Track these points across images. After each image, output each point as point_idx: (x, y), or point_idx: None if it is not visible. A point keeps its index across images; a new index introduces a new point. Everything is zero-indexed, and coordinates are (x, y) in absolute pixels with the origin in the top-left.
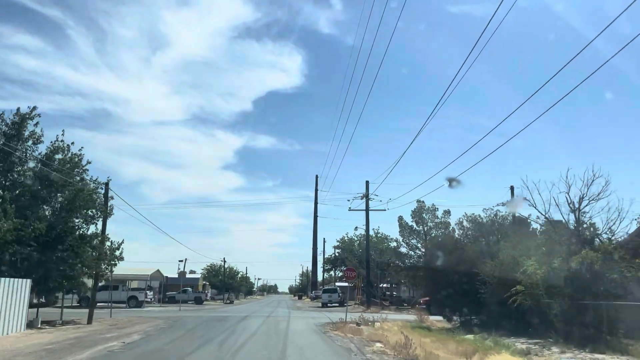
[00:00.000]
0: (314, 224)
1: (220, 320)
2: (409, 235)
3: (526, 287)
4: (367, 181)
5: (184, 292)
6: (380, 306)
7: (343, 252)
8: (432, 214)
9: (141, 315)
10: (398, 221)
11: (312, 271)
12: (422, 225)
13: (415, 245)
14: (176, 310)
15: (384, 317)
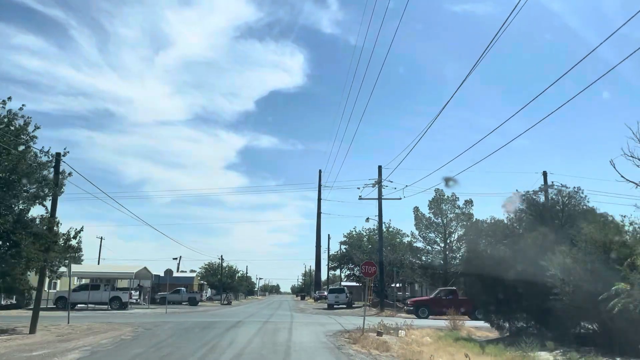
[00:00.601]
0: (317, 220)
1: (205, 328)
2: (425, 228)
3: (633, 285)
4: (380, 166)
5: (176, 292)
6: (395, 308)
7: (350, 249)
8: (452, 204)
9: (113, 320)
10: (414, 212)
11: (316, 270)
12: (441, 217)
13: (433, 240)
14: (162, 313)
15: (408, 323)
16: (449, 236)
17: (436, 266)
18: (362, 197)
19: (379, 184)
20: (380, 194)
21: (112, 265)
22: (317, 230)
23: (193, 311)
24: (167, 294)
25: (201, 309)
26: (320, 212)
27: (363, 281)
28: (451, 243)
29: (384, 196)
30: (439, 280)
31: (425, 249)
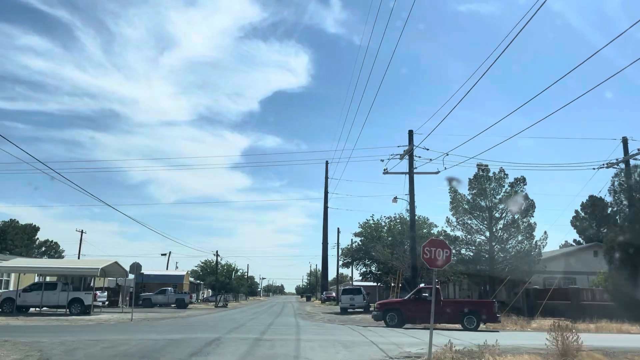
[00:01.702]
0: (323, 215)
1: (158, 352)
2: (465, 213)
3: None
4: (411, 131)
5: (161, 293)
6: None
7: (366, 241)
8: (498, 183)
9: (24, 335)
10: (450, 193)
11: (323, 269)
12: (485, 200)
13: (475, 228)
14: (127, 321)
15: (489, 342)
16: (495, 223)
17: (479, 261)
18: (387, 172)
19: (410, 153)
20: (412, 166)
21: (71, 261)
22: (324, 224)
23: (174, 316)
24: (152, 295)
25: (186, 314)
26: (326, 206)
27: (384, 279)
28: (497, 232)
29: (417, 169)
30: (482, 278)
31: (465, 239)
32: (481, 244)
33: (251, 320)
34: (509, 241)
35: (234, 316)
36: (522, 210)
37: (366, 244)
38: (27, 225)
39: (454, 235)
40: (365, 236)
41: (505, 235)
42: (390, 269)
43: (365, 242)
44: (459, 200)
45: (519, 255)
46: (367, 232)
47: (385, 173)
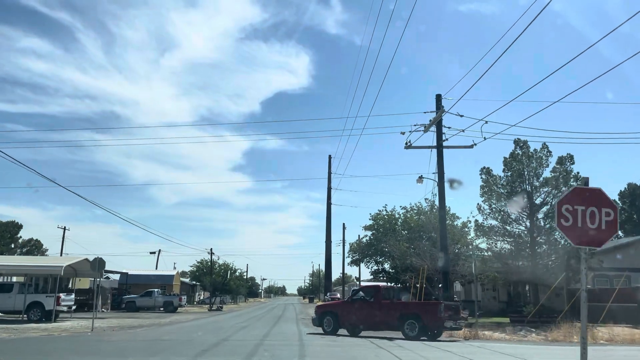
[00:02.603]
0: (327, 211)
1: None
2: (499, 198)
3: None
4: (439, 95)
5: (147, 295)
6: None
7: (379, 234)
8: (539, 162)
9: None
10: (482, 175)
11: (326, 268)
12: (524, 183)
13: (517, 216)
14: (86, 328)
15: None
16: (536, 210)
17: (518, 255)
18: (410, 145)
19: (438, 122)
20: (441, 138)
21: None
22: (327, 220)
23: (153, 324)
24: (137, 298)
25: (170, 319)
26: (330, 203)
27: (402, 279)
28: (539, 221)
29: (446, 143)
30: (520, 276)
31: (500, 230)
32: (520, 236)
33: (242, 329)
34: (554, 232)
35: (224, 323)
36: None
37: (379, 238)
38: (8, 222)
39: (488, 224)
40: (376, 229)
41: (550, 224)
42: (408, 267)
43: (377, 236)
44: (493, 183)
45: (568, 249)
46: (379, 225)
47: (408, 147)
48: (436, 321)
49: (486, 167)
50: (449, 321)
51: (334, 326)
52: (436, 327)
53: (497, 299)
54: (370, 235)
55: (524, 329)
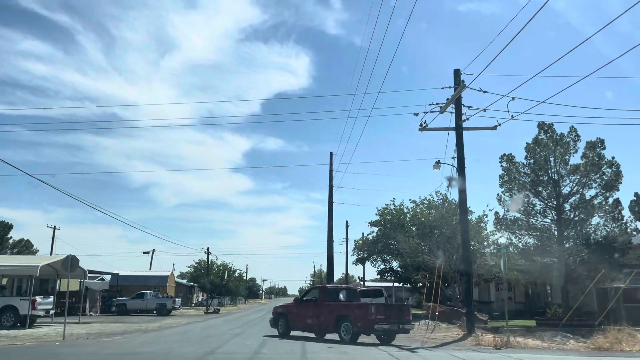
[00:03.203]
0: (328, 209)
1: None
2: (520, 189)
3: None
4: (457, 70)
5: (139, 297)
6: (482, 323)
7: (386, 231)
8: (566, 147)
9: None
10: (501, 162)
11: (328, 270)
12: (549, 171)
13: (538, 208)
14: (57, 335)
15: None
16: (563, 201)
17: (544, 251)
18: (425, 127)
19: (457, 100)
20: (460, 117)
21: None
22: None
23: (138, 329)
24: (126, 300)
25: (159, 324)
26: (331, 201)
27: (414, 278)
28: (565, 213)
29: (465, 124)
30: (547, 274)
31: (524, 224)
32: (546, 229)
33: (235, 337)
34: (584, 225)
35: (217, 329)
36: (604, 183)
37: (386, 235)
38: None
39: (511, 217)
40: (383, 225)
41: (579, 216)
42: (420, 265)
43: (384, 232)
44: (515, 171)
45: (602, 244)
46: (386, 220)
47: (423, 129)
48: (366, 323)
49: (507, 153)
50: (383, 324)
51: (285, 329)
52: (366, 329)
53: (514, 300)
54: (377, 231)
55: (558, 334)
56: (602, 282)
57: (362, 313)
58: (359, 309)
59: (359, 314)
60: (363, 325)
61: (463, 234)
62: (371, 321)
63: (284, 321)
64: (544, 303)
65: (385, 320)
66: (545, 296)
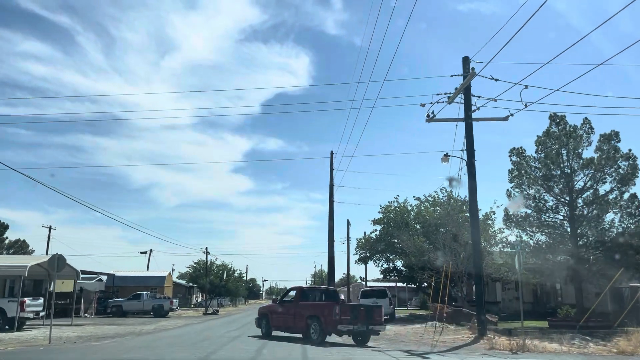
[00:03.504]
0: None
1: None
2: (531, 184)
3: None
4: (466, 57)
5: (135, 298)
6: (492, 325)
7: (389, 229)
8: (578, 141)
9: None
10: (511, 156)
11: (329, 270)
12: (561, 165)
13: (550, 204)
14: (35, 341)
15: None
16: (576, 196)
17: (557, 249)
18: (433, 118)
19: (466, 89)
20: (469, 108)
21: None
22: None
23: (132, 332)
24: (122, 301)
25: (155, 326)
26: (332, 200)
27: (420, 277)
28: (578, 209)
29: (475, 115)
30: (559, 273)
31: (535, 221)
32: (558, 226)
33: (232, 341)
34: (598, 221)
35: (214, 331)
36: (620, 177)
37: (390, 233)
38: None
39: (522, 213)
40: (387, 223)
41: (593, 212)
42: (425, 264)
43: (387, 231)
44: (526, 164)
45: (618, 241)
46: (389, 218)
47: (430, 120)
48: (331, 323)
49: (517, 147)
50: (347, 325)
51: (267, 329)
52: (330, 329)
53: (521, 300)
54: (380, 229)
55: (576, 336)
56: (617, 281)
57: (328, 313)
58: (326, 310)
59: (326, 314)
60: (328, 325)
61: (473, 231)
62: (335, 322)
63: (265, 321)
64: (554, 303)
65: (351, 322)
66: (554, 296)
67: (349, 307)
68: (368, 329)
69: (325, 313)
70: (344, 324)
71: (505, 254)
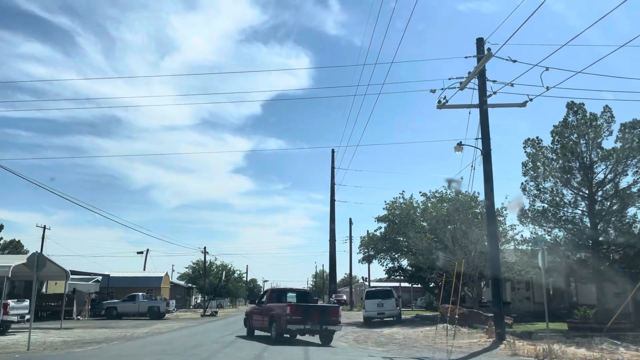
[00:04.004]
0: (330, 207)
1: None
2: (546, 177)
3: None
4: (481, 39)
5: (131, 299)
6: (507, 327)
7: (394, 226)
8: (597, 130)
9: None
10: (527, 148)
11: (330, 270)
12: (580, 156)
13: (571, 198)
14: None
15: None
16: (596, 189)
17: (576, 245)
18: (444, 104)
19: (481, 72)
20: (484, 92)
21: None
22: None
23: (120, 337)
24: (117, 303)
25: (147, 330)
26: (333, 199)
27: (429, 277)
28: (600, 203)
29: (490, 100)
30: (579, 272)
31: (552, 216)
32: (577, 221)
33: (227, 347)
34: (621, 215)
35: (209, 335)
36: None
37: (395, 230)
38: None
39: (538, 208)
40: (392, 220)
41: (615, 205)
42: (435, 263)
43: (393, 228)
44: (543, 156)
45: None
46: (394, 215)
47: (441, 107)
48: (283, 323)
49: (532, 138)
50: (297, 325)
51: (249, 328)
52: (282, 329)
53: (532, 300)
54: (385, 227)
55: (604, 340)
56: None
57: (281, 313)
58: (280, 310)
59: (281, 314)
60: (281, 325)
61: (489, 226)
62: (286, 322)
63: (249, 321)
64: (568, 303)
65: (302, 322)
66: (568, 296)
67: (301, 307)
68: (323, 328)
69: (280, 313)
70: (294, 323)
71: (519, 251)
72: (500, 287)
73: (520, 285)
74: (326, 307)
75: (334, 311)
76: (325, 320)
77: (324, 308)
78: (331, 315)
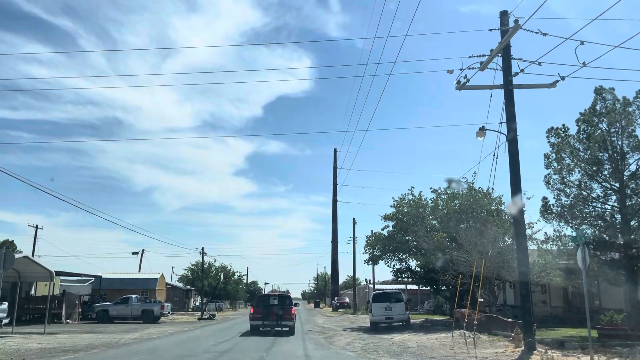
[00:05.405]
0: (333, 208)
1: None
2: (571, 170)
3: None
4: (504, 12)
5: (123, 302)
6: (537, 335)
7: (402, 225)
8: (629, 118)
9: None
10: (551, 138)
11: (332, 272)
12: (609, 146)
13: (601, 191)
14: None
15: None
16: (628, 182)
17: (605, 244)
18: (464, 85)
19: (505, 48)
20: (509, 72)
21: None
22: (333, 223)
23: (104, 344)
24: (109, 306)
25: (138, 335)
26: (336, 200)
27: (442, 279)
28: (632, 198)
29: (517, 81)
30: (611, 273)
31: (580, 212)
32: (606, 218)
33: (221, 356)
34: None
35: (202, 342)
36: None
37: (404, 229)
38: None
39: (563, 203)
40: (400, 218)
41: None
42: (448, 264)
43: (401, 226)
44: (567, 147)
45: None
46: (402, 213)
47: (461, 88)
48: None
49: (556, 127)
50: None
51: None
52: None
53: (549, 304)
54: (393, 225)
55: None
56: None
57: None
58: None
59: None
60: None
61: (516, 226)
62: (250, 319)
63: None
64: (590, 308)
65: (262, 319)
66: (591, 299)
67: (261, 309)
68: (278, 323)
69: (250, 312)
70: (256, 320)
71: (542, 251)
72: (529, 291)
73: (536, 288)
74: (281, 307)
75: (287, 311)
76: (280, 317)
77: (280, 308)
78: (285, 314)
